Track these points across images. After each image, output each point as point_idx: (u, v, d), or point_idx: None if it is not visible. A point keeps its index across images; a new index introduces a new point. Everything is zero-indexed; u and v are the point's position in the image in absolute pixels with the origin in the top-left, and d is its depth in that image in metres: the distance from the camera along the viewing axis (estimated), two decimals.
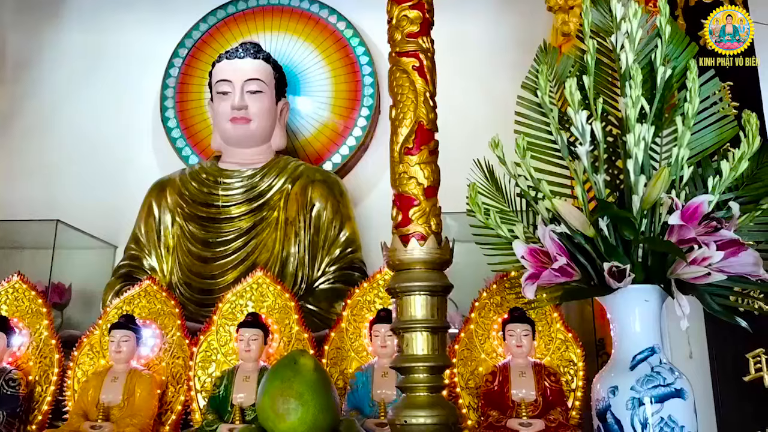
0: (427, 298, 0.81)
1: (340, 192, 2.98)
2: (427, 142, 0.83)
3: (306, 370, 1.21)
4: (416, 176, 0.82)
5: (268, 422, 1.17)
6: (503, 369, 1.80)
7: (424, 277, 0.81)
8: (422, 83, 0.84)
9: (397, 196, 0.83)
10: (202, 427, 1.75)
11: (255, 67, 2.95)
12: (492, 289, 1.95)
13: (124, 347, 1.86)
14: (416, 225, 0.80)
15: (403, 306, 0.81)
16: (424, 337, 0.80)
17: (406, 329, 0.80)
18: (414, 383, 0.79)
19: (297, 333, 1.94)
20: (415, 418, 0.76)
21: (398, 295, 0.81)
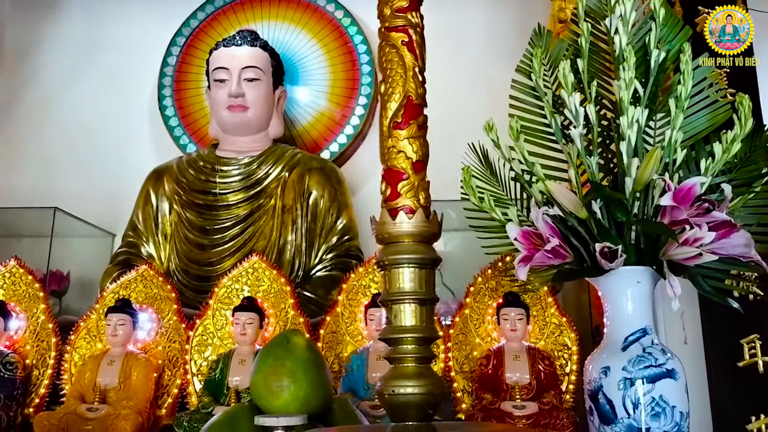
0: (415, 271, 0.81)
1: (337, 180, 2.98)
2: (415, 116, 0.83)
3: (298, 348, 1.21)
4: (405, 150, 0.82)
5: (261, 400, 1.18)
6: (498, 353, 1.81)
7: (412, 249, 0.81)
8: (411, 58, 0.84)
9: (386, 171, 0.83)
10: (198, 409, 1.77)
11: (252, 55, 2.95)
12: (487, 274, 1.95)
13: (120, 331, 1.87)
14: (405, 198, 0.81)
15: (392, 278, 0.81)
16: (412, 309, 0.80)
17: (395, 301, 0.81)
18: (402, 354, 0.80)
19: (293, 317, 1.94)
20: (403, 388, 0.76)
21: (387, 268, 0.82)
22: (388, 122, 0.85)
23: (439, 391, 0.80)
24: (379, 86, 0.87)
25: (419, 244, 0.83)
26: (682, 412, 1.37)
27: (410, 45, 0.87)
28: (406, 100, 0.85)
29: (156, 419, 1.87)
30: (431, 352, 0.83)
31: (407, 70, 0.86)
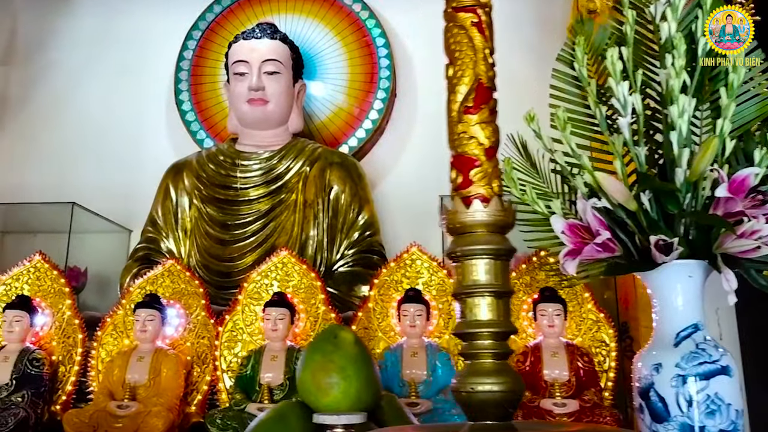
0: (490, 262, 0.77)
1: (358, 175, 2.95)
2: (486, 101, 0.79)
3: (346, 343, 1.18)
4: (477, 136, 0.78)
5: (310, 396, 1.14)
6: (535, 349, 1.77)
7: (487, 240, 0.77)
8: (481, 39, 0.80)
9: (456, 157, 0.79)
10: (230, 406, 1.73)
11: (272, 48, 2.91)
12: (521, 269, 1.91)
13: (149, 326, 1.84)
14: (478, 186, 0.77)
15: (465, 270, 0.78)
16: (488, 302, 0.77)
17: (469, 294, 0.77)
18: (478, 350, 0.76)
19: (324, 313, 1.91)
20: (481, 385, 0.72)
21: (459, 260, 0.78)
22: (458, 107, 0.81)
23: (519, 388, 0.76)
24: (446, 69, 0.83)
25: (494, 234, 0.79)
26: (737, 410, 1.33)
27: (479, 25, 0.84)
28: (477, 83, 0.81)
29: (185, 416, 1.83)
30: (509, 347, 0.79)
31: (477, 52, 0.82)
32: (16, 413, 1.72)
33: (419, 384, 1.71)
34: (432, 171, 3.28)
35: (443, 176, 2.70)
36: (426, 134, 3.36)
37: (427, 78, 3.43)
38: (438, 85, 3.07)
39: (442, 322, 1.87)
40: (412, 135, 3.39)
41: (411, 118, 3.40)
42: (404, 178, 3.30)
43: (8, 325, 1.87)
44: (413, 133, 3.40)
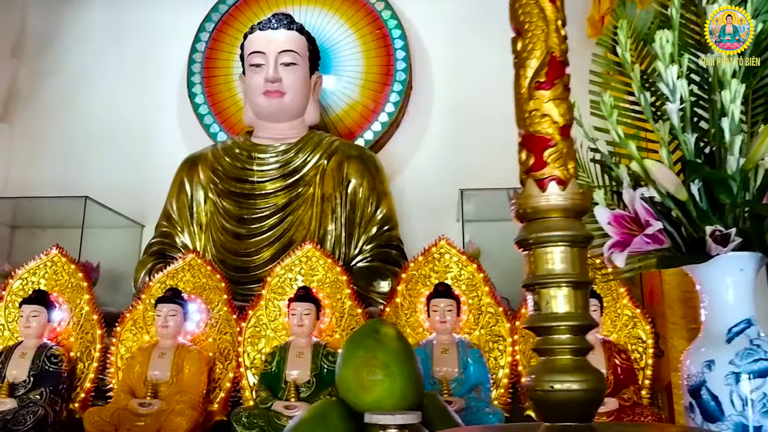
0: (567, 249, 0.71)
1: (375, 168, 2.89)
2: (560, 75, 0.73)
3: (389, 338, 1.12)
4: (550, 114, 0.73)
5: (350, 394, 1.09)
6: None
7: (564, 225, 0.71)
8: (552, 9, 0.74)
9: (527, 137, 0.73)
10: (255, 404, 1.68)
11: (289, 39, 2.85)
12: None
13: (171, 322, 1.78)
14: (553, 168, 0.71)
15: (539, 259, 0.72)
16: (565, 294, 0.71)
17: (543, 285, 0.71)
18: (556, 345, 0.70)
19: (350, 308, 1.85)
20: (560, 384, 0.66)
21: (531, 247, 0.72)
22: (529, 82, 0.75)
23: (601, 387, 0.70)
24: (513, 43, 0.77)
25: (571, 219, 0.73)
26: None
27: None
28: (549, 56, 0.75)
29: (208, 414, 1.77)
30: (588, 342, 0.73)
31: (549, 24, 0.76)
32: (34, 411, 1.66)
33: (451, 382, 1.65)
34: (449, 165, 3.23)
35: (461, 170, 2.63)
36: (443, 128, 3.30)
37: (443, 71, 3.37)
38: (455, 77, 3.02)
39: (472, 318, 1.82)
40: (429, 129, 3.34)
41: (427, 112, 3.34)
42: (420, 173, 3.24)
43: (25, 321, 1.82)
44: (430, 126, 3.34)
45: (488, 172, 3.05)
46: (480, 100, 3.29)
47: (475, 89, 3.31)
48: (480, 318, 1.81)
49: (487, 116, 3.26)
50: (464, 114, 3.29)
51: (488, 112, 3.27)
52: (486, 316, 1.80)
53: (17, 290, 1.95)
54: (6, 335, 1.92)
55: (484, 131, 3.25)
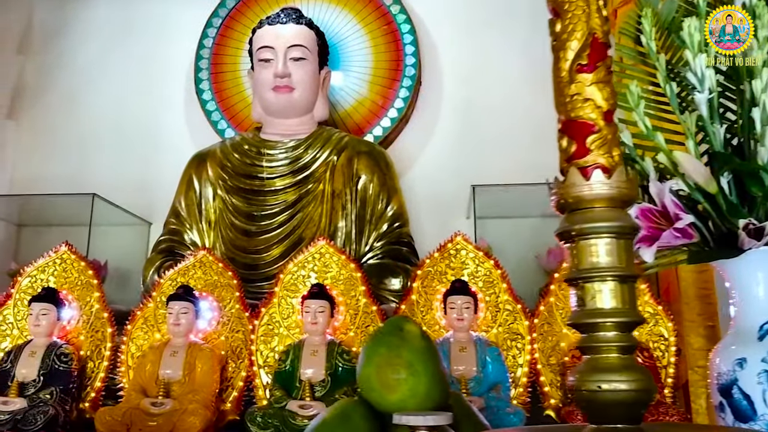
0: (613, 241, 0.68)
1: (386, 164, 2.85)
2: (603, 57, 0.70)
3: (413, 336, 1.08)
4: (593, 98, 0.69)
5: (373, 394, 1.05)
6: None
7: (609, 216, 0.68)
8: None
9: (568, 123, 0.69)
10: (270, 403, 1.64)
11: (298, 33, 2.82)
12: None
13: (182, 319, 1.75)
14: (597, 155, 0.67)
15: (583, 252, 0.68)
16: (611, 288, 0.67)
17: (588, 279, 0.67)
18: (601, 343, 0.66)
19: (364, 305, 1.81)
20: (608, 384, 0.63)
21: (574, 239, 0.68)
22: (570, 65, 0.72)
23: (651, 387, 0.66)
24: (551, 24, 0.73)
25: (616, 209, 0.69)
26: None
27: None
28: (591, 38, 0.72)
29: (220, 414, 1.74)
30: (635, 339, 0.69)
31: (590, 3, 0.72)
32: (45, 411, 1.63)
33: (469, 381, 1.61)
34: (458, 161, 3.19)
35: (471, 166, 2.58)
36: (452, 124, 3.26)
37: (453, 66, 3.33)
38: (464, 72, 2.97)
39: (489, 315, 1.78)
40: (438, 125, 3.30)
41: (436, 107, 3.31)
42: (430, 169, 3.21)
43: (35, 319, 1.78)
44: (439, 122, 3.30)
45: (499, 168, 3.01)
46: (490, 95, 3.25)
47: (485, 84, 3.27)
48: (498, 315, 1.78)
49: (497, 112, 3.22)
50: (474, 109, 3.25)
51: (499, 107, 3.23)
52: (504, 314, 1.77)
53: (26, 288, 1.91)
54: (15, 334, 1.88)
55: (494, 127, 3.21)
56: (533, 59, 3.30)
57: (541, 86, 3.29)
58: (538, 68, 3.35)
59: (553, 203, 0.74)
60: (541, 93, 3.34)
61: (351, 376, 1.69)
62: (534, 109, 3.20)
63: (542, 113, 3.14)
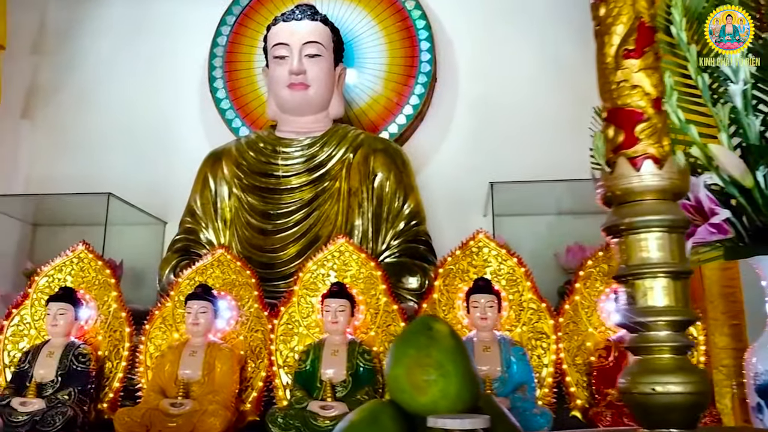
0: (665, 236, 0.64)
1: (402, 161, 2.82)
2: (650, 42, 0.66)
3: (442, 336, 1.05)
4: (641, 85, 0.65)
5: (404, 395, 1.01)
6: (619, 343, 1.63)
7: (660, 209, 0.64)
8: None
9: (615, 111, 0.66)
10: (290, 404, 1.61)
11: (313, 30, 2.79)
12: (597, 256, 1.77)
13: (201, 319, 1.72)
14: (647, 144, 0.64)
15: (632, 247, 0.65)
16: (663, 285, 0.64)
17: (638, 275, 0.64)
18: (654, 342, 0.63)
19: (385, 304, 1.78)
20: (662, 386, 0.59)
21: (623, 234, 0.65)
22: (616, 50, 0.68)
23: (706, 389, 0.63)
24: (594, 8, 0.70)
25: (668, 201, 0.66)
26: None
27: None
28: (638, 22, 0.68)
29: (240, 414, 1.71)
30: (689, 340, 0.66)
31: None
32: (63, 412, 1.61)
33: (494, 381, 1.58)
34: (475, 158, 3.15)
35: (488, 163, 2.54)
36: (468, 120, 3.22)
37: (469, 62, 3.29)
38: (481, 68, 2.92)
39: (513, 314, 1.74)
40: (454, 121, 3.26)
41: (452, 104, 3.27)
42: (446, 166, 3.17)
43: (52, 319, 1.76)
44: (455, 119, 3.27)
45: (516, 165, 2.97)
46: (507, 91, 3.21)
47: (502, 80, 3.23)
48: (522, 314, 1.74)
49: (514, 108, 3.18)
50: (491, 106, 3.21)
51: (516, 103, 3.19)
52: (528, 312, 1.73)
53: (43, 288, 1.90)
54: (32, 334, 1.87)
55: (511, 123, 3.17)
56: (550, 54, 3.27)
57: (559, 82, 3.26)
58: (556, 64, 3.33)
59: (599, 196, 0.70)
60: (558, 88, 3.32)
61: (372, 377, 1.67)
62: (552, 105, 3.16)
63: (560, 109, 3.14)
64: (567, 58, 3.22)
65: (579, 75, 3.35)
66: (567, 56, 3.23)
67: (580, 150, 3.02)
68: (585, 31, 2.71)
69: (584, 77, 3.30)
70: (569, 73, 3.20)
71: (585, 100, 3.16)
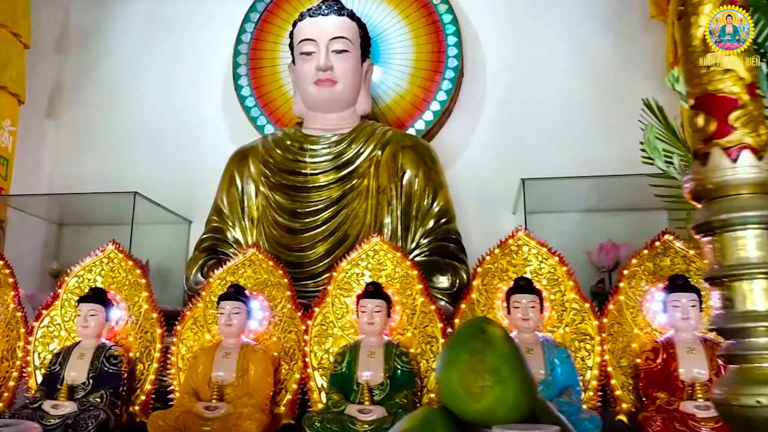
0: (765, 233, 0.58)
1: (431, 158, 2.77)
2: None
3: (497, 339, 0.99)
4: (735, 69, 0.60)
5: (457, 401, 0.96)
6: (667, 345, 1.57)
7: (760, 204, 0.59)
8: None
9: (705, 98, 0.60)
10: (327, 407, 1.57)
11: (340, 25, 2.74)
12: (642, 255, 1.71)
13: (235, 320, 1.69)
14: (743, 134, 0.59)
15: (728, 245, 0.59)
16: (764, 287, 0.58)
17: (735, 277, 0.58)
18: (754, 350, 0.57)
19: (422, 305, 1.73)
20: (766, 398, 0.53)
21: (716, 232, 0.59)
22: (704, 33, 0.62)
23: None
24: None
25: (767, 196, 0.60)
26: None
27: None
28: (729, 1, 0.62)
29: (274, 417, 1.67)
30: None
31: None
32: (96, 416, 1.58)
33: (539, 384, 1.52)
34: (504, 155, 3.08)
35: (517, 160, 2.46)
36: (496, 116, 3.16)
37: (496, 56, 3.23)
38: (508, 62, 2.83)
39: (555, 315, 1.68)
40: (482, 117, 3.20)
41: (479, 100, 3.21)
42: (473, 163, 3.11)
43: (83, 320, 1.74)
44: (482, 114, 3.20)
45: (546, 162, 2.91)
46: (535, 85, 3.14)
47: (530, 74, 3.16)
48: (564, 315, 1.68)
49: (543, 102, 3.11)
50: (519, 101, 3.15)
51: (545, 98, 3.12)
52: (571, 313, 1.67)
53: (73, 288, 1.87)
54: (63, 335, 1.84)
55: (541, 119, 3.10)
56: (579, 48, 3.20)
57: (589, 76, 3.16)
58: (585, 57, 3.24)
59: (687, 190, 0.65)
60: (588, 83, 3.23)
61: (411, 379, 1.62)
62: (582, 100, 3.09)
63: (590, 104, 3.07)
64: (597, 52, 3.15)
65: (609, 69, 3.28)
66: (596, 50, 3.15)
67: (611, 146, 2.98)
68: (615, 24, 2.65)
69: (615, 71, 3.25)
70: (599, 66, 3.13)
71: (616, 95, 3.12)
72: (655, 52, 3.02)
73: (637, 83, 3.07)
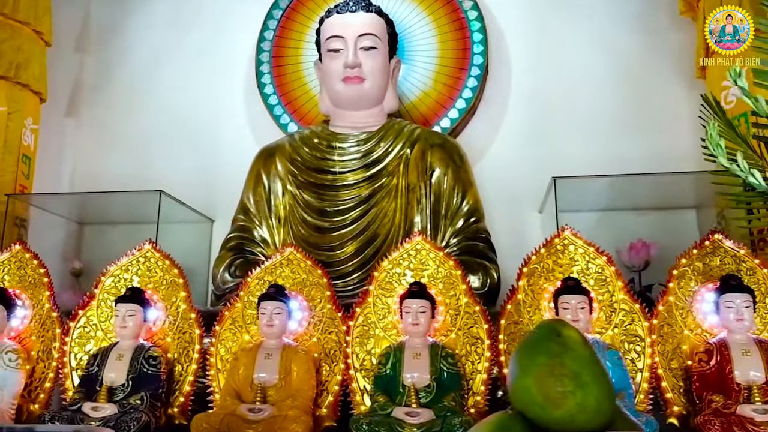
0: None
1: (459, 157, 2.74)
2: None
3: (575, 343, 0.96)
4: None
5: (534, 407, 0.93)
6: (720, 347, 1.53)
7: None
8: None
9: None
10: (373, 410, 1.54)
11: (368, 21, 2.71)
12: (692, 254, 1.67)
13: (276, 320, 1.66)
14: None
15: None
16: None
17: None
18: None
19: (466, 305, 1.70)
20: None
21: None
22: None
23: None
24: None
25: None
26: None
27: None
28: None
29: (316, 419, 1.65)
30: None
31: None
32: (137, 418, 1.55)
33: None
34: (530, 153, 3.04)
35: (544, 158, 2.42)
36: (522, 114, 3.12)
37: (521, 54, 3.19)
38: (534, 60, 2.79)
39: (604, 316, 1.65)
40: (507, 114, 3.17)
41: (504, 98, 3.17)
42: (498, 161, 3.07)
43: (121, 320, 1.71)
44: (508, 112, 3.17)
45: (573, 160, 2.87)
46: (561, 83, 3.10)
47: (555, 72, 3.13)
48: (613, 316, 1.64)
49: (569, 100, 3.07)
50: (545, 99, 3.11)
51: (571, 96, 3.08)
52: (620, 314, 1.64)
53: (109, 288, 1.85)
54: (99, 336, 1.82)
55: (566, 117, 3.06)
56: (607, 46, 3.15)
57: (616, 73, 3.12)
58: (612, 55, 3.21)
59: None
60: (615, 80, 3.19)
61: (457, 381, 1.59)
62: (608, 97, 3.05)
63: (617, 102, 3.03)
64: (623, 50, 3.11)
65: (636, 66, 3.24)
66: (623, 47, 3.12)
67: (638, 143, 2.94)
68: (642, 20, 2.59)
69: (642, 68, 3.20)
70: (626, 64, 3.09)
71: (643, 92, 3.08)
72: (683, 49, 2.98)
73: (666, 81, 3.03)
